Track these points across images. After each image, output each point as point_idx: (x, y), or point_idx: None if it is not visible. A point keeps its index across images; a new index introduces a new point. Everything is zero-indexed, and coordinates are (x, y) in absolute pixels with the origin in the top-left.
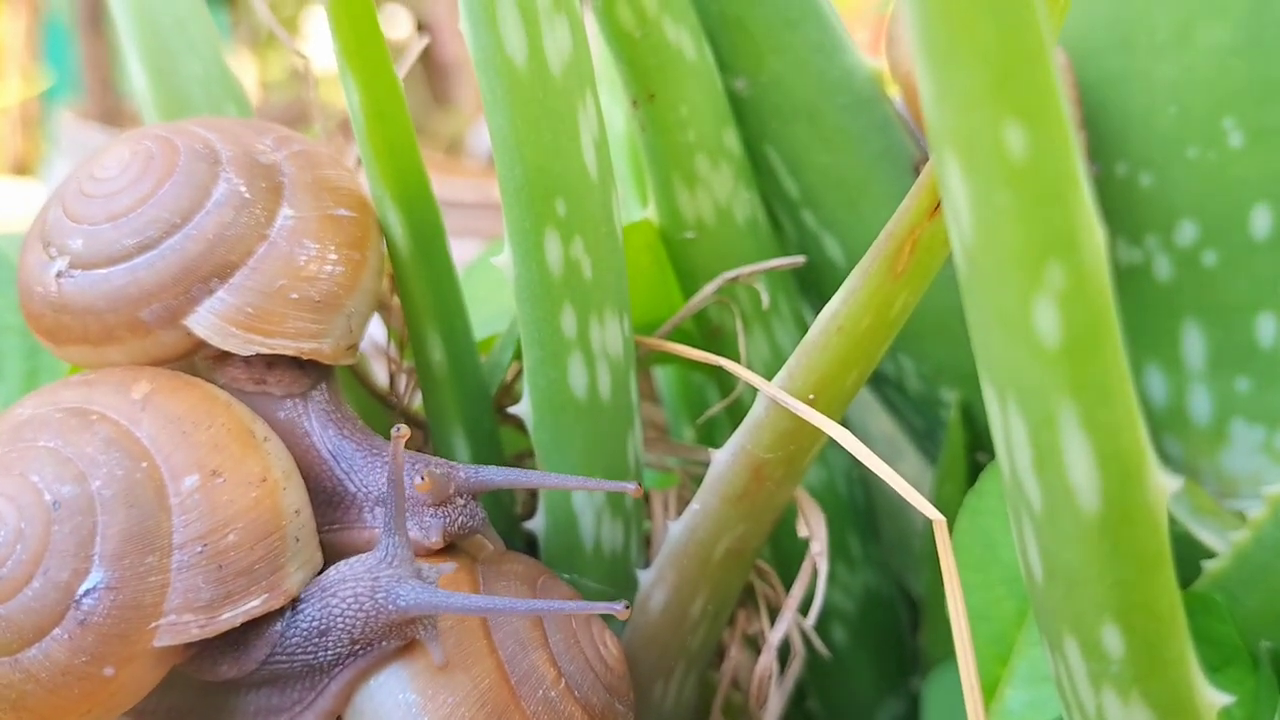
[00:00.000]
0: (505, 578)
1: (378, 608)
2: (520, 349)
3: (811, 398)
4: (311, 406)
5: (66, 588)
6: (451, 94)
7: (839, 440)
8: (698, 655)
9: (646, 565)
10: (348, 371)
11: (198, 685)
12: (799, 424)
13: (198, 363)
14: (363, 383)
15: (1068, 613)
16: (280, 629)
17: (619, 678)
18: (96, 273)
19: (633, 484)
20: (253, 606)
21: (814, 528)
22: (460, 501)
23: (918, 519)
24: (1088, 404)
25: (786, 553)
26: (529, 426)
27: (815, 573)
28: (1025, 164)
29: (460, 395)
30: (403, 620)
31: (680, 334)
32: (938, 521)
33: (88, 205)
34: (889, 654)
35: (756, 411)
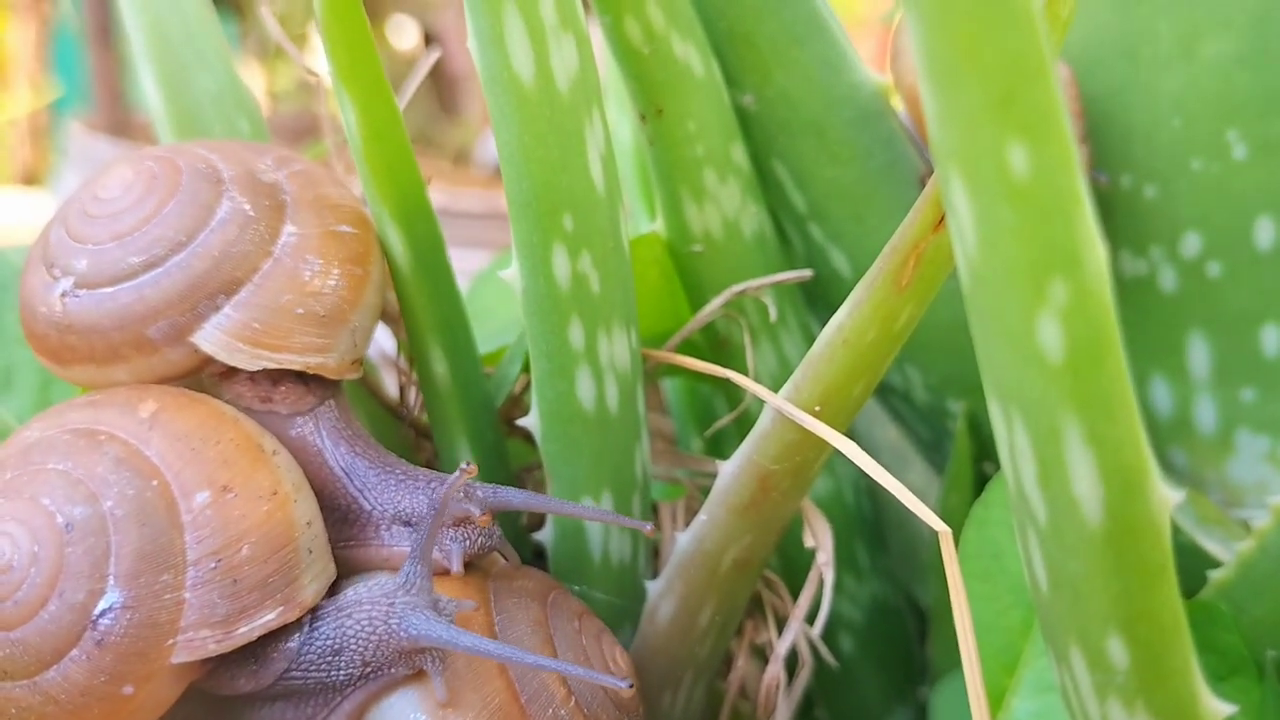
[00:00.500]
0: (516, 594)
1: (390, 633)
2: (528, 361)
3: (818, 409)
4: (322, 424)
5: (83, 609)
6: (459, 104)
7: (845, 452)
8: (705, 665)
9: (655, 576)
10: (357, 383)
11: (211, 697)
12: (805, 435)
13: (204, 380)
14: (373, 394)
15: (1073, 624)
16: (297, 644)
17: (629, 693)
18: (102, 291)
19: (648, 524)
20: (268, 620)
21: (820, 538)
22: (479, 520)
23: (925, 529)
24: (1091, 418)
25: (794, 563)
26: (537, 438)
27: (822, 583)
28: (1028, 182)
29: (464, 408)
30: (412, 649)
31: (688, 346)
32: (943, 533)
33: (91, 225)
34: (896, 664)
35: (763, 423)
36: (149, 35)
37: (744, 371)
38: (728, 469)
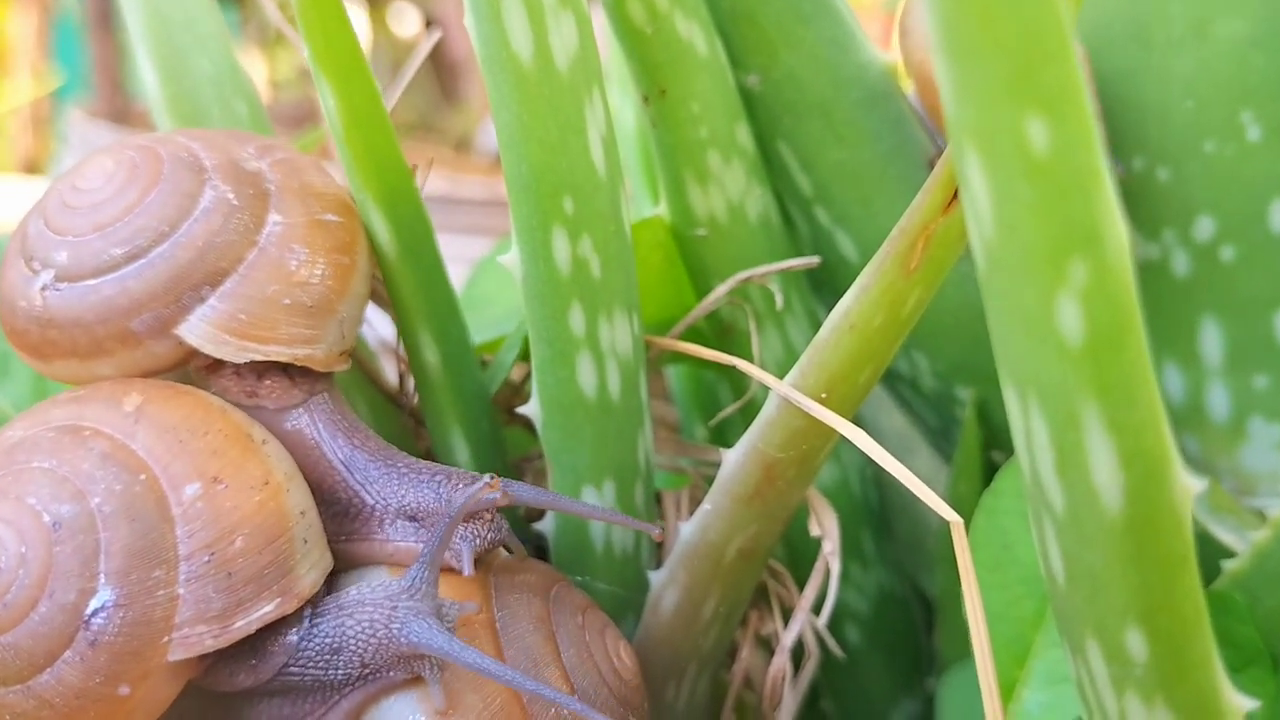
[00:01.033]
0: (519, 589)
1: (391, 637)
2: (527, 348)
3: (824, 396)
4: (317, 416)
5: (74, 609)
6: (460, 91)
7: (852, 439)
8: (710, 656)
9: (658, 566)
10: (356, 371)
11: (208, 694)
12: (811, 422)
13: (190, 374)
14: (372, 382)
15: (1090, 615)
16: (296, 639)
17: (633, 689)
18: (84, 284)
19: (656, 527)
20: (266, 612)
21: (826, 527)
22: (487, 516)
23: (932, 518)
24: (1111, 404)
25: (799, 553)
26: (537, 427)
27: (828, 572)
28: (1047, 158)
29: (457, 396)
30: (411, 655)
31: (692, 332)
32: (955, 523)
33: (71, 217)
34: (903, 654)
35: (768, 410)
36: (147, 18)
37: (749, 358)
38: (732, 457)
